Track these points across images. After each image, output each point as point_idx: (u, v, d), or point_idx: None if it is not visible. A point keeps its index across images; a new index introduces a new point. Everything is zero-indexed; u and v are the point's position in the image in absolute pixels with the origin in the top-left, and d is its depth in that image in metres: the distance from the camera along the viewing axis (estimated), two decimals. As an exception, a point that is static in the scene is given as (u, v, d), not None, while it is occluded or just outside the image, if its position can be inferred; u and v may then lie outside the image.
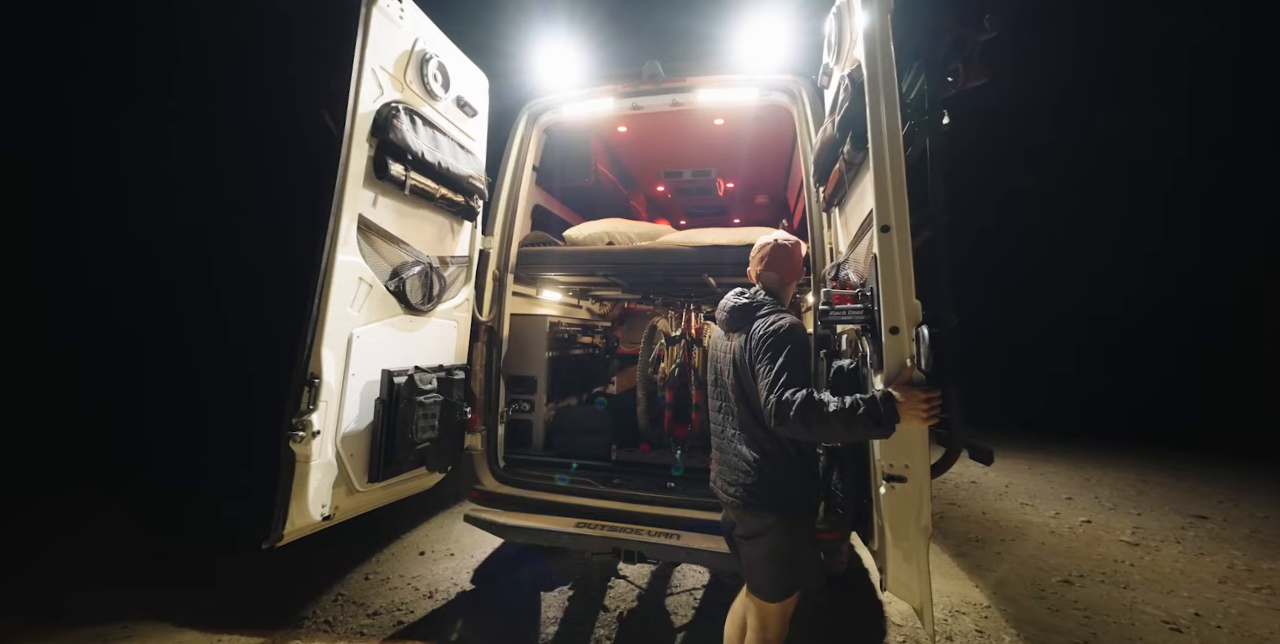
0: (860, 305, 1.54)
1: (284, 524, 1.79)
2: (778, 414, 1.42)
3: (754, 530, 1.66)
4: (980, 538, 4.23)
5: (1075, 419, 10.09)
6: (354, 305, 1.98)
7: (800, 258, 1.87)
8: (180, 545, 3.79)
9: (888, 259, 1.44)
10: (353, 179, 1.94)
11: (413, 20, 2.19)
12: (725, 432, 1.77)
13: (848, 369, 1.68)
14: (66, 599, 3.03)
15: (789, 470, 1.63)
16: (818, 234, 2.50)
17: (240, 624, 2.76)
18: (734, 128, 3.60)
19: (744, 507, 1.65)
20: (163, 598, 3.01)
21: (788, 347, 1.53)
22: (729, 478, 1.72)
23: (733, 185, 5.19)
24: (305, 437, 1.77)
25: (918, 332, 1.36)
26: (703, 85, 2.85)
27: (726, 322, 1.77)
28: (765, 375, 1.50)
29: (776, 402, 1.43)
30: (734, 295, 1.80)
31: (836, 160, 1.89)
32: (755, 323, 1.65)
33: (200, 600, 3.04)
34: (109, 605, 2.92)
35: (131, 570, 3.40)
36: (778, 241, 1.84)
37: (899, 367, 1.41)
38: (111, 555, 3.60)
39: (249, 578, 3.30)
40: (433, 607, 3.04)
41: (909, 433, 1.42)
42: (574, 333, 3.54)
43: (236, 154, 8.38)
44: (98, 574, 3.31)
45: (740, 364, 1.65)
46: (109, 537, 3.94)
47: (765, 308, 1.70)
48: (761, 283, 1.83)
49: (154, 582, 3.24)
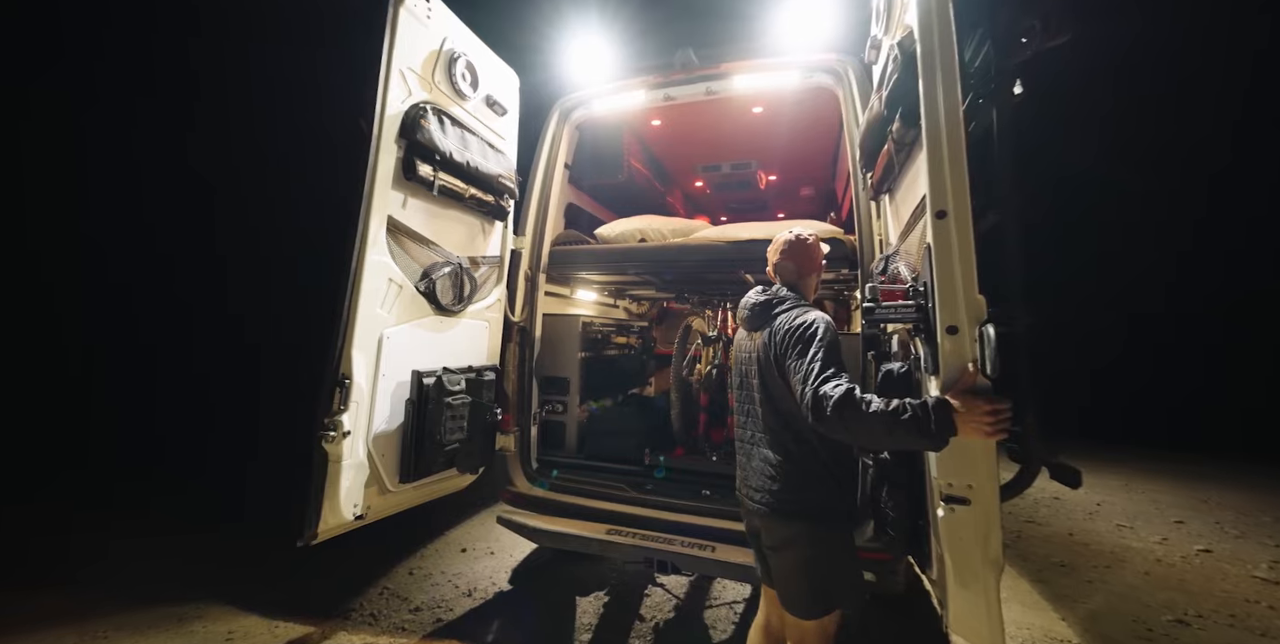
0: (912, 302, 1.37)
1: (317, 523, 1.82)
2: (814, 409, 1.32)
3: (781, 540, 1.58)
4: (1067, 563, 3.74)
5: (1156, 426, 8.86)
6: (384, 306, 1.99)
7: (819, 252, 1.81)
8: (237, 535, 4.03)
9: (944, 249, 1.26)
10: (381, 180, 1.95)
11: (440, 19, 2.18)
12: (750, 435, 1.70)
13: (898, 373, 1.51)
14: (142, 583, 3.26)
15: (817, 475, 1.54)
16: (865, 224, 2.31)
17: (294, 613, 2.88)
18: (774, 115, 3.41)
19: (770, 514, 1.57)
20: (225, 585, 3.19)
21: (816, 339, 1.44)
22: (754, 483, 1.64)
23: (774, 178, 4.96)
24: (336, 437, 1.78)
25: (982, 331, 1.18)
26: (739, 71, 2.70)
27: (748, 320, 1.71)
28: (798, 370, 1.42)
29: (813, 395, 1.33)
30: (755, 292, 1.74)
31: (884, 141, 1.71)
32: (778, 318, 1.58)
33: (258, 587, 3.20)
34: (180, 589, 3.13)
35: (192, 558, 3.63)
36: (796, 235, 1.80)
37: (959, 371, 1.23)
38: (170, 545, 3.87)
39: (304, 568, 3.45)
40: (471, 605, 3.07)
41: (971, 448, 1.24)
42: (608, 333, 3.48)
43: (254, 153, 8.43)
44: (165, 562, 3.55)
45: (764, 362, 1.58)
46: (164, 528, 4.23)
47: (787, 302, 1.63)
48: (778, 274, 1.77)
49: (218, 569, 3.45)
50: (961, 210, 1.27)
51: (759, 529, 1.68)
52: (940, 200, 1.29)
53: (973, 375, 1.20)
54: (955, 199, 1.28)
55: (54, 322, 6.71)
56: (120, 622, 2.81)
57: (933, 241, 1.29)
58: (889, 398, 1.28)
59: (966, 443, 1.22)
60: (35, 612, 2.85)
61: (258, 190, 8.39)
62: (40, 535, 3.97)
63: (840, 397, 1.28)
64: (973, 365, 1.20)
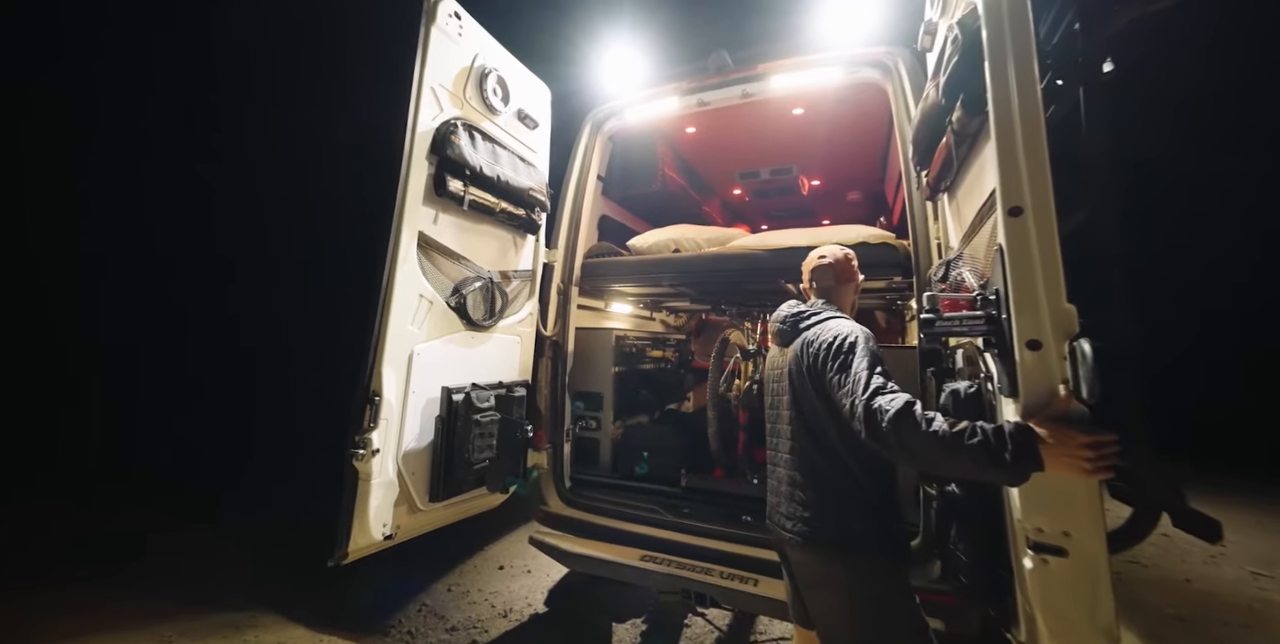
0: (981, 313, 1.18)
1: (348, 542, 1.79)
2: (867, 423, 1.20)
3: (818, 575, 1.45)
4: (1186, 617, 3.19)
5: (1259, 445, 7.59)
6: (414, 322, 1.97)
7: (853, 265, 1.73)
8: (283, 548, 4.14)
9: (1021, 251, 1.09)
10: (412, 197, 1.94)
11: (472, 36, 2.19)
12: (779, 457, 1.59)
13: (966, 394, 1.31)
14: (194, 583, 3.39)
15: (853, 499, 1.41)
16: (920, 228, 2.11)
17: (338, 625, 2.91)
18: (816, 116, 3.24)
19: (804, 544, 1.44)
20: (275, 595, 3.26)
21: (858, 349, 1.35)
22: (786, 510, 1.52)
23: (818, 183, 4.75)
24: (366, 455, 1.76)
25: (1074, 347, 0.99)
26: (777, 71, 2.57)
27: (780, 333, 1.62)
28: (843, 384, 1.30)
29: (865, 409, 1.21)
30: (788, 305, 1.66)
31: (942, 134, 1.53)
32: (812, 329, 1.50)
33: (305, 595, 3.25)
34: (234, 597, 3.23)
35: (234, 566, 3.75)
36: (821, 256, 1.73)
37: (1046, 394, 1.04)
38: (219, 553, 4.01)
39: (348, 576, 3.51)
40: (506, 627, 3.00)
41: (1066, 486, 1.04)
42: (643, 346, 3.38)
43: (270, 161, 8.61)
44: (217, 570, 3.68)
45: (797, 377, 1.48)
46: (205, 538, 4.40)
47: (823, 313, 1.55)
48: (816, 283, 1.70)
49: (267, 580, 3.54)
50: (1042, 206, 1.09)
51: (792, 561, 1.55)
52: (1014, 195, 1.12)
53: (1064, 400, 1.01)
54: (1034, 193, 1.11)
55: (51, 322, 6.72)
56: (183, 626, 2.91)
57: (1006, 243, 1.11)
58: (955, 418, 1.12)
59: (1059, 481, 1.03)
60: (98, 611, 3.01)
61: (265, 191, 8.42)
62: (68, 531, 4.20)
63: (898, 410, 1.15)
64: (1064, 388, 1.01)
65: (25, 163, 6.65)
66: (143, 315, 7.47)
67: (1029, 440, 1.01)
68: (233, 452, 6.76)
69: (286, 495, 5.29)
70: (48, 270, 6.83)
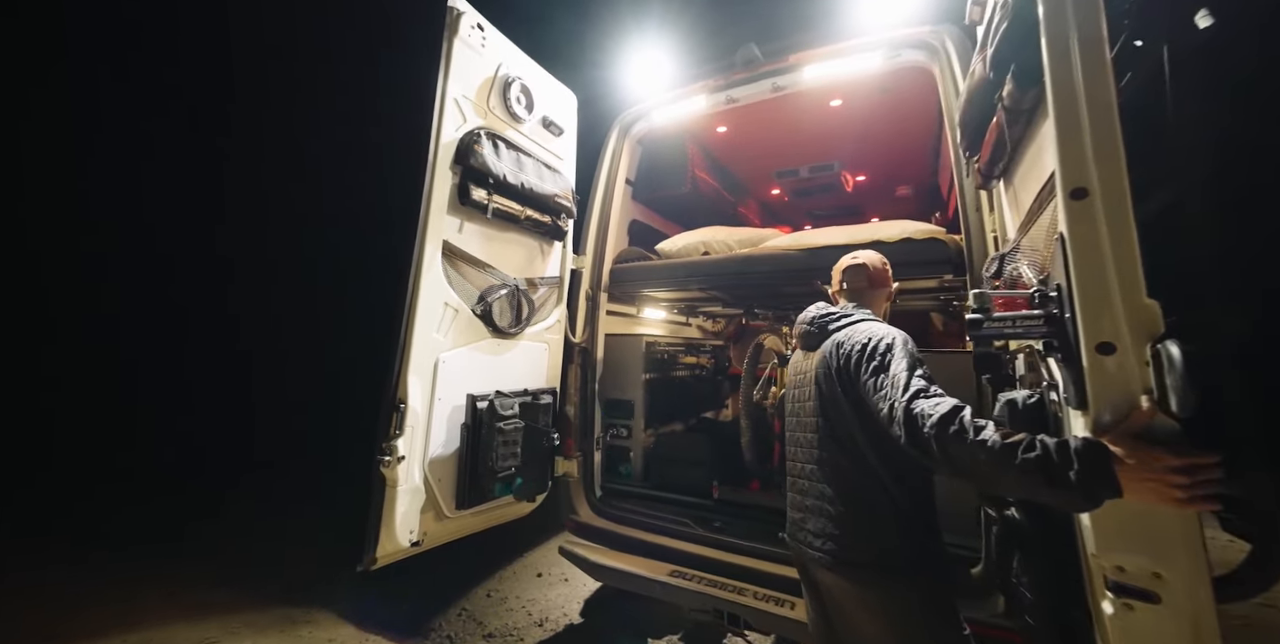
0: (1040, 312, 1.02)
1: (376, 548, 1.81)
2: (907, 428, 1.08)
3: (851, 600, 1.32)
4: None
5: None
6: (440, 330, 1.99)
7: (889, 269, 1.66)
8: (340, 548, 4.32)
9: (1086, 238, 0.93)
10: (436, 207, 1.97)
11: (495, 46, 2.21)
12: (802, 468, 1.47)
13: (1025, 404, 1.15)
14: (262, 583, 3.58)
15: (890, 515, 1.28)
16: (973, 219, 1.92)
17: (385, 626, 3.00)
18: (856, 108, 3.06)
19: (836, 566, 1.32)
20: (330, 593, 3.40)
21: (896, 350, 1.24)
22: (813, 527, 1.40)
23: (864, 179, 4.51)
24: (392, 461, 1.78)
25: (1158, 351, 0.82)
26: (809, 61, 2.44)
27: (807, 336, 1.52)
28: (882, 385, 1.19)
29: (905, 413, 1.09)
30: (816, 307, 1.55)
31: (992, 113, 1.37)
32: (843, 331, 1.40)
33: (354, 592, 3.38)
34: (295, 593, 3.38)
35: (300, 563, 3.93)
36: (855, 258, 1.65)
37: (1123, 407, 0.88)
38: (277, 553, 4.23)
39: (396, 575, 3.65)
40: (541, 636, 2.98)
41: (1156, 516, 0.87)
42: (675, 353, 3.28)
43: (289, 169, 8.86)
44: (284, 567, 3.88)
45: (825, 381, 1.38)
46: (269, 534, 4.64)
47: (855, 315, 1.45)
48: (847, 285, 1.60)
49: (325, 578, 3.70)
50: (1113, 186, 0.93)
51: (819, 584, 1.43)
52: (1077, 175, 0.96)
53: (1146, 413, 0.84)
54: (1102, 171, 0.95)
55: (51, 324, 7.08)
56: (249, 619, 3.08)
57: (1068, 230, 0.96)
58: (1010, 429, 0.98)
59: (1143, 510, 0.86)
60: (176, 599, 3.25)
61: (275, 195, 8.77)
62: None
63: (942, 415, 1.03)
64: (1146, 399, 0.85)
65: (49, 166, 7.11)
66: (150, 316, 7.84)
67: (1101, 460, 0.85)
68: (293, 449, 7.20)
69: (349, 494, 5.56)
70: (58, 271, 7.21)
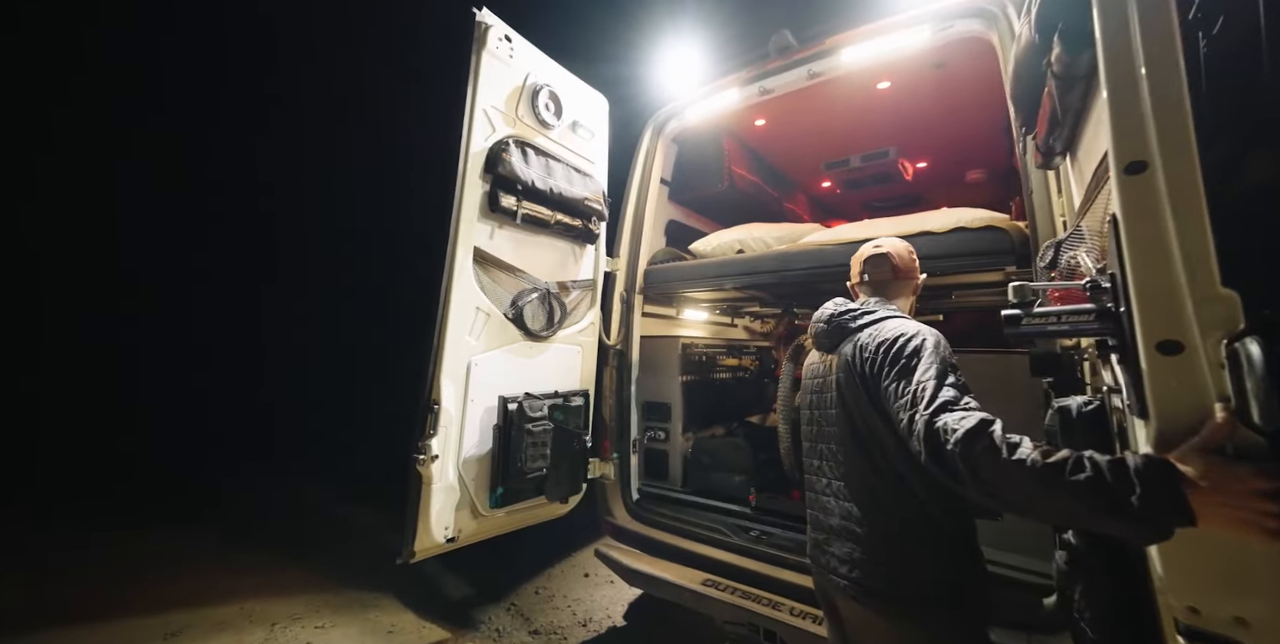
0: (1091, 306, 0.88)
1: (414, 542, 1.90)
2: (929, 445, 0.95)
3: (876, 634, 1.18)
4: None
5: None
6: (472, 334, 2.06)
7: (916, 259, 1.51)
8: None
9: (1144, 219, 0.79)
10: (467, 214, 2.05)
11: (523, 56, 2.27)
12: (828, 484, 1.33)
13: (1081, 413, 0.98)
14: (344, 566, 3.90)
15: (927, 539, 1.13)
16: (1038, 203, 1.72)
17: (438, 616, 3.17)
18: (907, 88, 2.83)
19: (862, 598, 1.18)
20: (397, 581, 3.64)
21: (924, 352, 1.11)
22: (837, 551, 1.25)
23: (925, 165, 4.17)
24: (426, 460, 1.87)
25: (1237, 349, 0.67)
26: (847, 43, 2.30)
27: (824, 335, 1.40)
28: (902, 393, 1.07)
29: (926, 427, 0.96)
30: (833, 304, 1.42)
31: (1043, 81, 1.20)
32: (867, 330, 1.26)
33: (415, 581, 3.60)
34: (376, 577, 3.64)
35: (376, 553, 4.22)
36: (889, 244, 1.50)
37: (1193, 417, 0.73)
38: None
39: (454, 565, 3.82)
40: (584, 636, 3.03)
41: (1238, 549, 0.71)
42: (715, 355, 3.20)
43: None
44: (368, 551, 4.18)
45: (847, 387, 1.25)
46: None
47: (879, 312, 1.30)
48: (869, 276, 1.45)
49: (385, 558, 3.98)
50: (1178, 157, 0.78)
51: (841, 614, 1.30)
52: (1133, 146, 0.82)
53: (1223, 425, 0.69)
54: (1165, 141, 0.80)
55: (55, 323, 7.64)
56: (328, 598, 3.38)
57: (1122, 209, 0.82)
58: (1055, 446, 0.84)
59: (1222, 542, 0.70)
60: (274, 576, 3.61)
61: (282, 204, 9.48)
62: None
63: (968, 429, 0.89)
64: (1222, 408, 0.70)
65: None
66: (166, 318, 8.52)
67: (1168, 481, 0.70)
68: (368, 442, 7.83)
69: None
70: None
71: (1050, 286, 1.00)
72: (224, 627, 2.99)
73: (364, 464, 6.37)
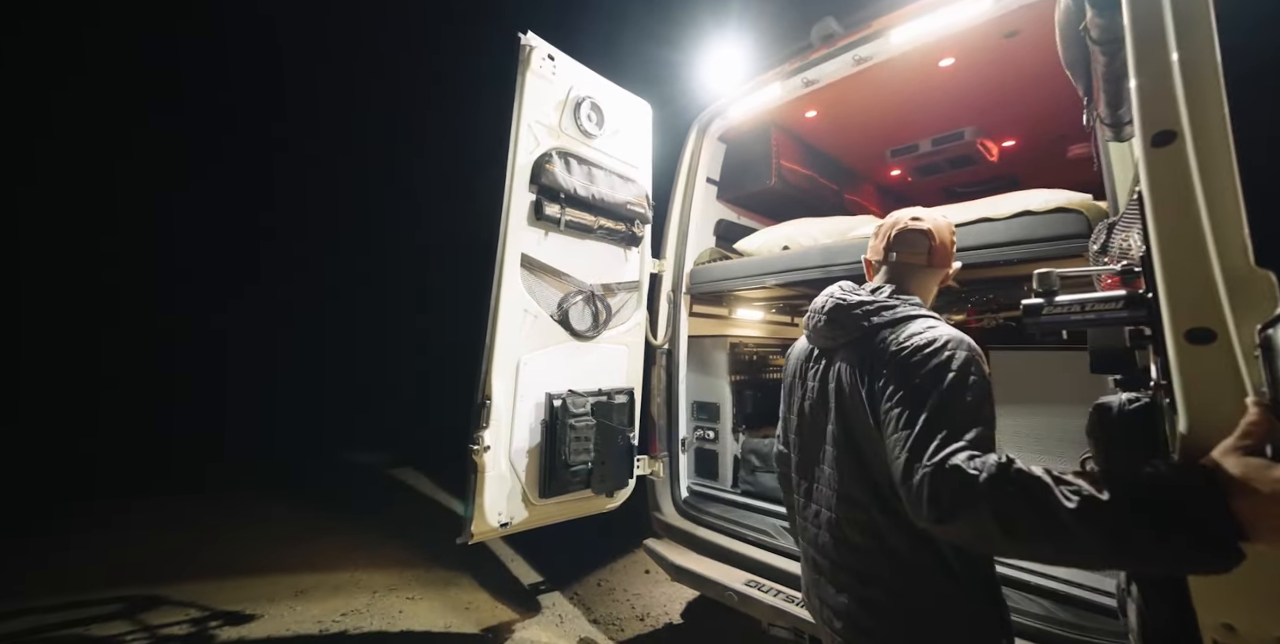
0: (1120, 293, 0.78)
1: (472, 524, 2.09)
2: (931, 499, 0.75)
3: None
4: None
5: None
6: (520, 334, 2.22)
7: (955, 242, 1.21)
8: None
9: (1172, 194, 0.70)
10: (515, 223, 2.21)
11: (565, 72, 2.40)
12: (821, 515, 1.09)
13: (1123, 410, 0.86)
14: (434, 546, 4.31)
15: (941, 591, 0.92)
16: (1119, 179, 1.52)
17: (510, 598, 3.45)
18: (975, 63, 2.59)
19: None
20: (479, 561, 3.95)
21: (951, 367, 0.86)
22: (831, 599, 1.04)
23: (1013, 143, 3.76)
24: (479, 450, 2.04)
25: (1266, 337, 0.58)
26: (898, 22, 2.17)
27: (822, 330, 1.12)
28: (904, 423, 0.84)
29: (932, 472, 0.76)
30: (839, 290, 1.14)
31: (1086, 48, 1.08)
32: (887, 331, 0.99)
33: (493, 565, 3.97)
34: (444, 558, 3.98)
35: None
36: (930, 219, 1.20)
37: (1227, 414, 0.64)
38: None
39: (525, 550, 4.17)
40: (641, 630, 3.12)
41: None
42: (766, 354, 3.12)
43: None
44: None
45: (851, 397, 1.01)
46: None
47: (901, 307, 1.02)
48: (895, 254, 1.15)
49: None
50: (1210, 126, 0.69)
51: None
52: (1160, 114, 0.74)
53: (1260, 423, 0.60)
54: (1195, 109, 0.71)
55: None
56: (419, 574, 3.77)
57: (1148, 185, 0.73)
58: (1098, 473, 0.67)
59: (1260, 556, 0.61)
60: (375, 551, 4.08)
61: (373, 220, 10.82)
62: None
63: (990, 478, 0.71)
64: (1254, 403, 0.60)
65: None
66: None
67: (1207, 492, 0.60)
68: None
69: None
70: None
71: (1069, 273, 0.90)
72: (338, 590, 3.47)
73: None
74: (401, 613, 3.21)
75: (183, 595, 3.30)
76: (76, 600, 3.19)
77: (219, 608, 3.17)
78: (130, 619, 3.00)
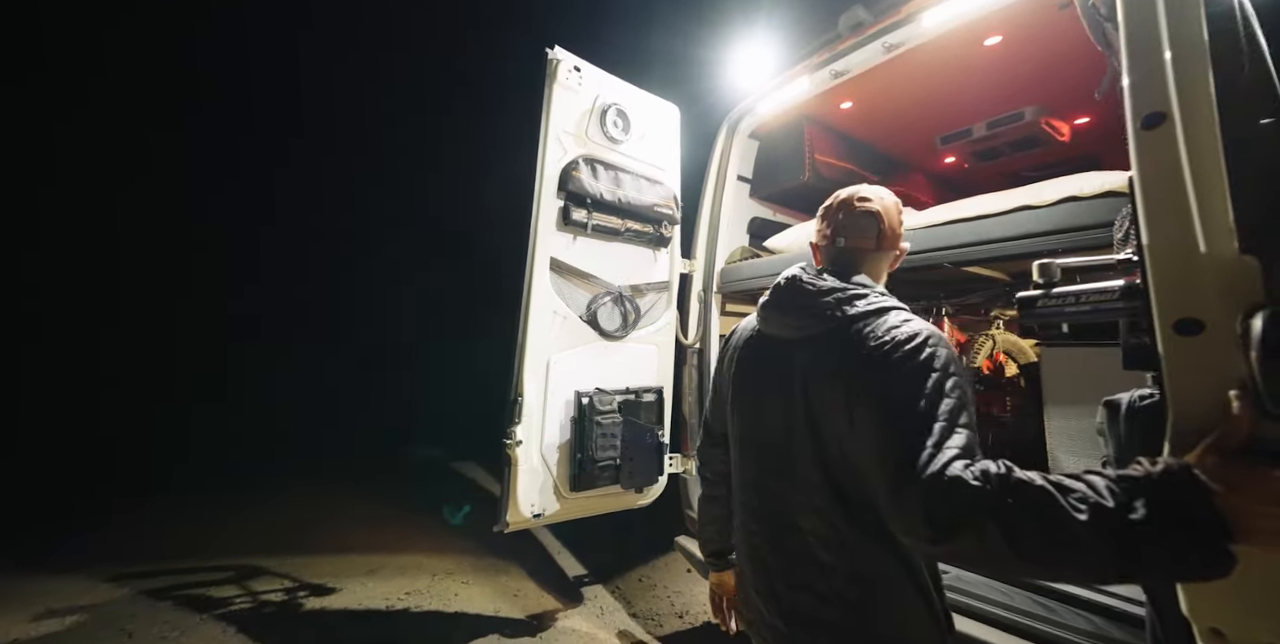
0: (1116, 284, 0.74)
1: (507, 514, 2.22)
2: (928, 519, 0.69)
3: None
4: None
5: None
6: (550, 335, 2.33)
7: (900, 217, 1.12)
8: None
9: (1160, 179, 0.66)
10: (544, 229, 2.32)
11: (591, 82, 2.48)
12: (758, 508, 1.05)
13: (1133, 407, 0.80)
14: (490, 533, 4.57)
15: (906, 595, 0.89)
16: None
17: (555, 588, 3.63)
18: (1027, 38, 2.40)
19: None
20: (523, 554, 4.14)
21: (934, 373, 0.80)
22: (789, 609, 0.97)
23: (1086, 120, 3.43)
24: (512, 444, 2.17)
25: (1247, 327, 0.54)
26: (930, 4, 2.06)
27: (788, 318, 1.03)
28: (886, 425, 0.80)
29: (928, 488, 0.70)
30: (801, 272, 1.05)
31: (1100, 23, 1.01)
32: (861, 323, 0.92)
33: (541, 554, 4.17)
34: (496, 547, 4.22)
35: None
36: (879, 198, 1.11)
37: (1211, 407, 0.59)
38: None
39: (574, 544, 4.37)
40: (679, 627, 3.17)
41: (1267, 562, 0.56)
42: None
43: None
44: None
45: (816, 392, 0.94)
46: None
47: (873, 297, 0.95)
48: (844, 240, 1.06)
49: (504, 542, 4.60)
50: (1199, 109, 0.64)
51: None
52: (1151, 95, 0.69)
53: (1241, 418, 0.55)
54: (1185, 90, 0.66)
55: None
56: (474, 562, 4.04)
57: (1137, 170, 0.69)
58: (1101, 477, 0.62)
59: (1247, 549, 0.56)
60: (436, 540, 4.39)
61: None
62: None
63: (998, 488, 0.66)
64: (1236, 398, 0.56)
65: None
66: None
67: (1195, 491, 0.57)
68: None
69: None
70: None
71: (1068, 263, 0.84)
72: (403, 571, 3.80)
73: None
74: (457, 596, 3.46)
75: (281, 568, 3.82)
76: (201, 565, 3.83)
77: (307, 580, 3.62)
78: (239, 585, 3.55)
